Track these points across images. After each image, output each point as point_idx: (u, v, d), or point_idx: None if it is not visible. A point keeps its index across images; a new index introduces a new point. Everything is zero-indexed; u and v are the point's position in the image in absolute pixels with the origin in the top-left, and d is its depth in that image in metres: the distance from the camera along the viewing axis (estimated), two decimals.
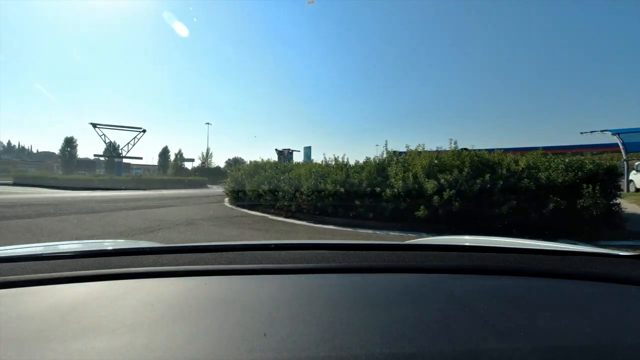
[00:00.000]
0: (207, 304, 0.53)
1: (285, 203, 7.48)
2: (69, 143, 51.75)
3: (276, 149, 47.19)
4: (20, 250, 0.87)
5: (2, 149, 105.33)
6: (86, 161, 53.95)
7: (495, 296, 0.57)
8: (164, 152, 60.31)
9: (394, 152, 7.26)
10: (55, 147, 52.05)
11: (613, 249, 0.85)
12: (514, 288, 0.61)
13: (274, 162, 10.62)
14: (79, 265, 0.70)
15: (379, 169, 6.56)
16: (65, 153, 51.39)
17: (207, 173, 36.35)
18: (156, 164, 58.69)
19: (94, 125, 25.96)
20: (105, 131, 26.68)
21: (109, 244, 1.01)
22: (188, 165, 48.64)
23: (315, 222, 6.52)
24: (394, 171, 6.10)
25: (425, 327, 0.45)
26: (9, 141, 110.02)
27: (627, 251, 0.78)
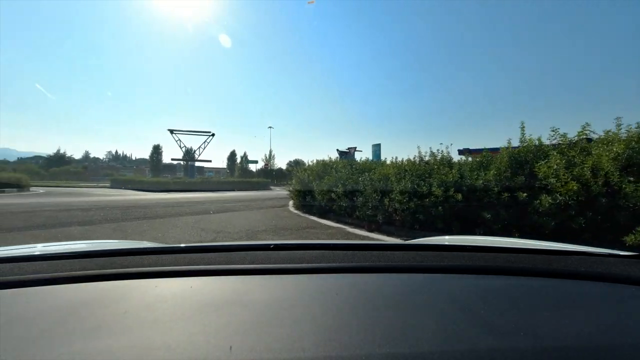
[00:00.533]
0: (207, 304, 0.52)
1: (368, 212, 5.73)
2: (156, 150, 59.18)
3: (338, 149, 46.28)
4: (20, 250, 0.86)
5: (111, 157, 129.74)
6: (170, 165, 60.93)
7: (495, 296, 0.57)
8: (232, 156, 65.08)
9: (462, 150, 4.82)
10: (147, 154, 60.05)
11: (613, 249, 0.85)
12: (514, 288, 0.60)
13: (348, 161, 9.00)
14: (79, 266, 0.69)
15: (516, 165, 4.34)
16: (153, 158, 58.95)
17: (270, 175, 37.23)
18: (225, 166, 63.52)
19: (171, 132, 28.06)
20: (181, 137, 28.73)
21: (109, 244, 1.01)
22: (252, 167, 50.98)
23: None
24: (553, 167, 3.83)
25: (425, 327, 0.45)
26: (116, 150, 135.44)
27: (627, 251, 0.76)
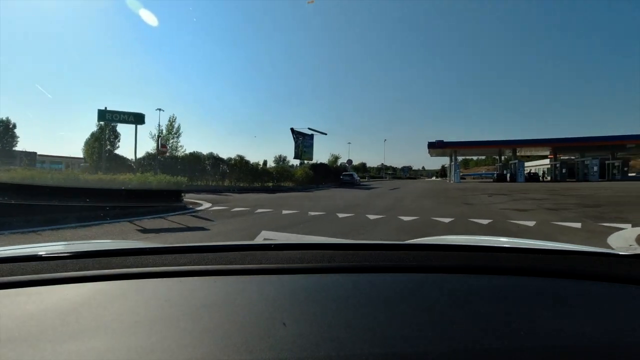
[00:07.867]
0: (207, 304, 0.52)
1: None
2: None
3: (293, 129, 27.47)
4: (20, 250, 0.86)
5: None
6: (18, 153, 44.15)
7: (495, 296, 0.57)
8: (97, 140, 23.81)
9: None
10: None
11: (613, 249, 0.88)
12: (514, 288, 0.61)
13: None
14: (79, 266, 0.68)
15: None
16: None
17: (173, 168, 16.32)
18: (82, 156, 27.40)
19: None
20: None
21: (109, 244, 1.03)
22: (121, 152, 23.79)
23: None
24: None
25: (426, 327, 0.45)
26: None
27: (627, 251, 0.74)
